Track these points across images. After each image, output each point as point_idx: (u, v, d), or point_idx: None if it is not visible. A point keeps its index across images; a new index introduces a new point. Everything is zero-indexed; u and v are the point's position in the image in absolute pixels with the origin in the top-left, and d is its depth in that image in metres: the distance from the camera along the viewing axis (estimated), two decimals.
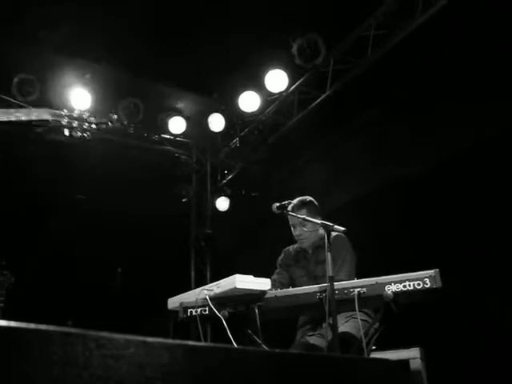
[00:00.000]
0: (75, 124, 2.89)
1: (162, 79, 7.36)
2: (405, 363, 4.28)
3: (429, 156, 6.61)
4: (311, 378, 1.68)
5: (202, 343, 1.31)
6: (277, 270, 4.60)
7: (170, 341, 1.19)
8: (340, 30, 6.49)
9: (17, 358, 0.94)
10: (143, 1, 5.98)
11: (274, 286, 4.31)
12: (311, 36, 6.52)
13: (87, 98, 7.21)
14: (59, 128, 2.95)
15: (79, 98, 7.18)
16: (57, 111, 2.92)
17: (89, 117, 2.96)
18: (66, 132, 2.93)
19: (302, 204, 4.47)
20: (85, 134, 2.95)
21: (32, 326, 0.98)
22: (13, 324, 0.99)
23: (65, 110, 2.92)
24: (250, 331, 3.77)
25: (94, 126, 2.93)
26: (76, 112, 2.91)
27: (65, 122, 2.89)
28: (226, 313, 3.61)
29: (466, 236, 5.85)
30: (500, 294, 5.39)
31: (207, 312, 3.72)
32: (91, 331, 1.08)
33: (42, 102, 6.90)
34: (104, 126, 2.96)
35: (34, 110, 2.88)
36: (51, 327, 1.02)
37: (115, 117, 3.04)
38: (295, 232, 4.46)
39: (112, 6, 5.91)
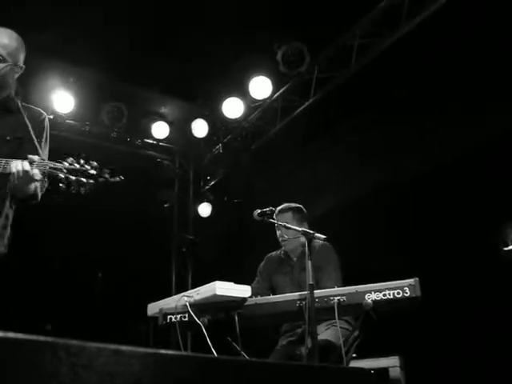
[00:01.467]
0: (72, 178, 2.72)
1: (146, 84, 7.34)
2: (384, 372, 4.29)
3: (413, 162, 6.65)
4: None
5: (175, 352, 1.29)
6: (256, 279, 4.56)
7: (141, 349, 1.17)
8: (325, 38, 6.51)
9: None
10: (129, 6, 5.96)
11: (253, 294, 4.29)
12: (296, 44, 6.54)
13: (70, 102, 7.18)
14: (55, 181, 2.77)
15: (62, 101, 7.15)
16: (57, 164, 2.74)
17: (85, 164, 2.76)
18: (62, 187, 2.74)
19: (288, 209, 4.46)
20: (82, 189, 2.77)
21: None
22: None
23: (64, 163, 2.75)
24: (229, 338, 3.76)
25: (91, 181, 2.75)
26: (72, 161, 2.73)
27: (62, 175, 2.72)
28: (206, 320, 3.59)
29: (447, 244, 5.89)
30: (480, 303, 5.42)
31: (187, 319, 3.69)
32: (62, 339, 1.06)
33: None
34: (102, 180, 2.78)
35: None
36: (19, 335, 1.00)
37: (108, 171, 2.83)
38: (278, 234, 4.45)
39: (97, 11, 5.88)
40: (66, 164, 2.76)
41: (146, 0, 6.03)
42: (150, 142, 8.45)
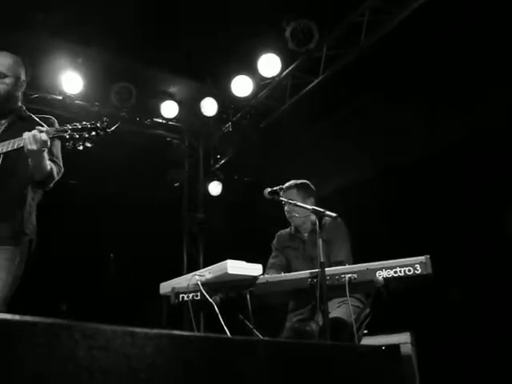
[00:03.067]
0: (76, 136, 3.10)
1: (154, 63, 7.31)
2: (395, 348, 4.30)
3: (421, 144, 6.62)
4: (300, 366, 1.68)
5: (188, 333, 1.31)
6: (273, 254, 4.59)
7: (155, 331, 1.18)
8: (334, 15, 6.44)
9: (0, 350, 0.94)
10: None
11: (274, 267, 4.33)
12: (305, 21, 6.48)
13: (79, 82, 7.17)
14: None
15: (71, 81, 7.14)
16: (61, 127, 3.18)
17: (83, 123, 3.16)
18: (69, 145, 3.15)
19: (294, 186, 4.48)
20: (87, 143, 3.15)
21: (16, 316, 0.98)
22: None
23: (67, 125, 3.15)
24: (241, 317, 3.78)
25: (93, 133, 3.16)
26: (79, 125, 3.14)
27: (67, 136, 3.10)
28: (218, 298, 3.62)
29: (455, 223, 5.88)
30: (491, 280, 5.42)
31: (199, 297, 3.72)
32: (78, 322, 1.08)
33: (32, 86, 6.84)
34: (101, 131, 3.14)
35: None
36: (36, 318, 1.01)
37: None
38: (286, 209, 4.48)
39: None
40: (69, 126, 3.15)
41: None
42: (159, 121, 8.44)
